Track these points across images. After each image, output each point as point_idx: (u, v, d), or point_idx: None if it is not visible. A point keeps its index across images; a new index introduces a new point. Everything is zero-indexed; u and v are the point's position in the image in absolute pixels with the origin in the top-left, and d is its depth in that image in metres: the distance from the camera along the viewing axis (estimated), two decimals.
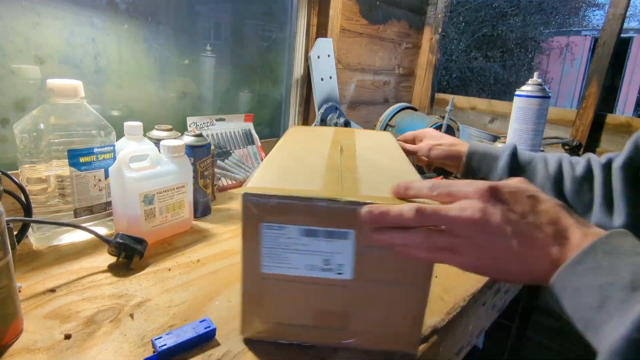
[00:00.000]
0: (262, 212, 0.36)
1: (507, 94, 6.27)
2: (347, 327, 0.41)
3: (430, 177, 1.21)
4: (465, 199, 0.34)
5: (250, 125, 1.01)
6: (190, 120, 0.88)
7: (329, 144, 0.58)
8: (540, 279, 0.32)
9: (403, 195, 0.37)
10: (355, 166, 0.47)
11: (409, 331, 0.42)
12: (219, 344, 0.41)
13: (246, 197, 0.36)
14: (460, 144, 0.72)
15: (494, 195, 0.33)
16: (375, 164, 0.49)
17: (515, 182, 0.36)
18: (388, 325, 0.41)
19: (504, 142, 0.98)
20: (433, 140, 0.74)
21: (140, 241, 0.56)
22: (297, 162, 0.47)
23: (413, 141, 0.78)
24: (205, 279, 0.53)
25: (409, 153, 0.76)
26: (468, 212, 0.32)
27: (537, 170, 0.64)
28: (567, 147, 1.24)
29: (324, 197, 0.36)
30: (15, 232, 0.53)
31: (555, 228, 0.32)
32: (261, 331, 0.42)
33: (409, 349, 0.43)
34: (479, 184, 0.34)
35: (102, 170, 0.62)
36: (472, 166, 0.69)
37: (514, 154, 0.66)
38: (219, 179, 0.90)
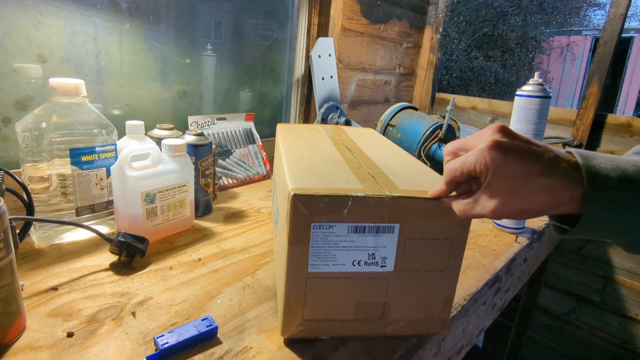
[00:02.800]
0: (313, 212, 0.37)
1: (507, 94, 6.26)
2: (386, 316, 0.43)
3: None
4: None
5: (251, 125, 1.01)
6: (191, 119, 0.88)
7: (330, 142, 0.58)
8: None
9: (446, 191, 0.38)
10: (372, 163, 0.49)
11: (441, 314, 0.44)
12: (220, 342, 0.42)
13: (296, 198, 0.36)
14: None
15: (502, 131, 0.35)
16: (387, 159, 0.51)
17: None
18: (422, 310, 0.43)
19: None
20: None
21: (142, 240, 0.56)
22: (318, 163, 0.47)
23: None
24: (207, 278, 0.54)
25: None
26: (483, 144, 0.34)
27: None
28: (567, 147, 1.24)
29: (374, 194, 0.37)
30: (17, 231, 0.53)
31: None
32: (301, 330, 0.42)
33: (439, 331, 0.45)
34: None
35: (104, 169, 0.62)
36: None
37: None
38: (220, 178, 0.90)
